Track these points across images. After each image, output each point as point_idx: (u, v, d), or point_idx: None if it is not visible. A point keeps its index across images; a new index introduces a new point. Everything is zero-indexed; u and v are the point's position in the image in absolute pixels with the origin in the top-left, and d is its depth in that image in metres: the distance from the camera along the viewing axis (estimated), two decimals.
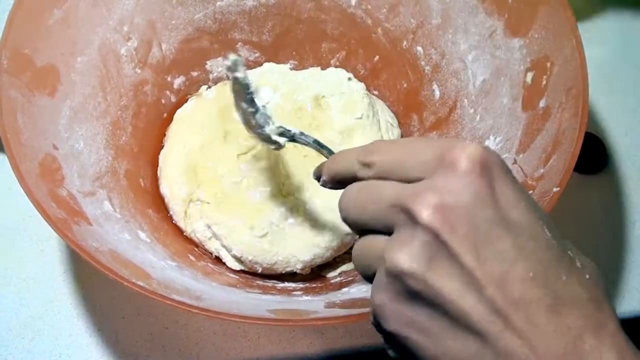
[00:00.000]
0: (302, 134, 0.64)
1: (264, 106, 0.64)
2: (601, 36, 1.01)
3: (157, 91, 0.83)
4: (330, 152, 0.62)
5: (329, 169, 0.50)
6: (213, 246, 0.77)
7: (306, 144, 0.63)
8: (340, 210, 0.46)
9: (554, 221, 0.40)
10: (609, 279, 0.84)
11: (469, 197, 0.37)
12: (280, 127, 0.64)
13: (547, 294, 0.37)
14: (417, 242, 0.38)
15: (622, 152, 0.92)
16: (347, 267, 0.80)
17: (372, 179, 0.44)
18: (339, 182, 0.49)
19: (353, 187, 0.45)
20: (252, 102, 0.63)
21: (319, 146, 0.63)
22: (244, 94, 0.62)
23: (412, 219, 0.38)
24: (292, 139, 0.64)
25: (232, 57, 0.59)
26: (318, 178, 0.53)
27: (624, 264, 0.85)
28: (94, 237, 0.60)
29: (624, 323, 0.39)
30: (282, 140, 0.64)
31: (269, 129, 0.64)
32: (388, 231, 0.41)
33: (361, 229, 0.44)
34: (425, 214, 0.37)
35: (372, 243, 0.43)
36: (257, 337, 0.77)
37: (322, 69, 0.87)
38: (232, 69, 0.60)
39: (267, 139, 0.65)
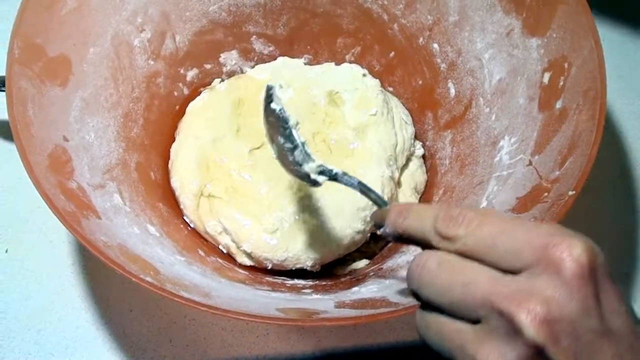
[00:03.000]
0: (344, 174, 0.57)
1: (303, 143, 0.58)
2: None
3: (170, 83, 0.83)
4: (378, 197, 0.54)
5: (397, 224, 0.46)
6: (223, 241, 0.77)
7: (349, 185, 0.56)
8: (410, 280, 0.43)
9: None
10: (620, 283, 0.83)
11: (576, 308, 0.36)
12: (321, 166, 0.58)
13: None
14: (518, 355, 0.36)
15: (637, 155, 0.91)
16: (357, 265, 0.79)
17: (453, 253, 0.41)
18: (407, 240, 0.45)
19: (431, 260, 0.41)
20: (290, 137, 0.57)
21: (365, 189, 0.55)
22: (280, 127, 0.57)
23: (513, 327, 0.36)
24: (334, 178, 0.58)
25: (269, 85, 0.55)
26: (378, 226, 0.49)
27: (636, 269, 0.84)
28: (102, 231, 0.60)
29: None
30: (321, 179, 0.58)
31: (308, 167, 0.58)
32: (470, 320, 0.39)
33: (432, 306, 0.42)
34: (531, 327, 0.35)
35: (451, 329, 0.40)
36: (265, 333, 0.76)
37: (337, 64, 0.86)
38: (267, 99, 0.55)
39: (304, 177, 0.59)
